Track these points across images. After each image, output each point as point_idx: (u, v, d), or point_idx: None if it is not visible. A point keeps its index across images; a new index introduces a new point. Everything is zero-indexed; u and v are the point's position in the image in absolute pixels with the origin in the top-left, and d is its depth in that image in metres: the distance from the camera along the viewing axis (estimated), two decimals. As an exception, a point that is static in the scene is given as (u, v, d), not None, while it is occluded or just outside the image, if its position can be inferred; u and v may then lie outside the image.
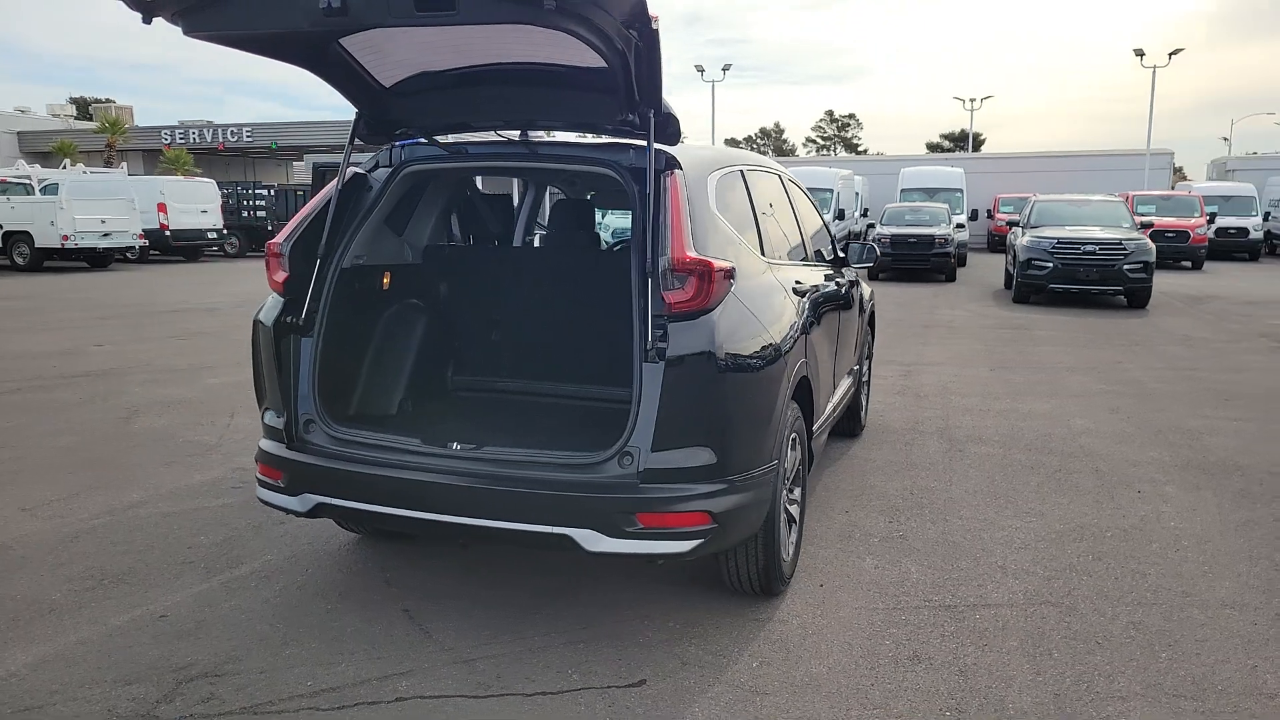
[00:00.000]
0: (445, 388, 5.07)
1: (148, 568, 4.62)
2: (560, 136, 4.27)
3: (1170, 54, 40.01)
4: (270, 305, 4.09)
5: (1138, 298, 17.04)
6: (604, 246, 5.83)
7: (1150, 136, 39.58)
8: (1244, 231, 32.16)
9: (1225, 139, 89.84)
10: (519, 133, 4.17)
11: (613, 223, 14.64)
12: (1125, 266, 16.70)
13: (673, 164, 3.82)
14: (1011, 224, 23.55)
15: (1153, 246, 17.10)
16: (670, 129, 3.78)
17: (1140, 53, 40.21)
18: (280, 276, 4.05)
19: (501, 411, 4.72)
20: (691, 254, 3.52)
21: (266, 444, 4.05)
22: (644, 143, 3.80)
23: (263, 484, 4.04)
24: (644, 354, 3.52)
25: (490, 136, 4.21)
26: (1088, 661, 3.73)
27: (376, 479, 3.74)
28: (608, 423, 4.39)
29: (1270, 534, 5.19)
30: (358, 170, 4.28)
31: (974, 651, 3.82)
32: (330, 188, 4.20)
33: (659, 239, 3.55)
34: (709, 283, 3.50)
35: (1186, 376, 10.07)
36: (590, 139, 4.13)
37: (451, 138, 4.26)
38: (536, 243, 6.16)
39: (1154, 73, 39.84)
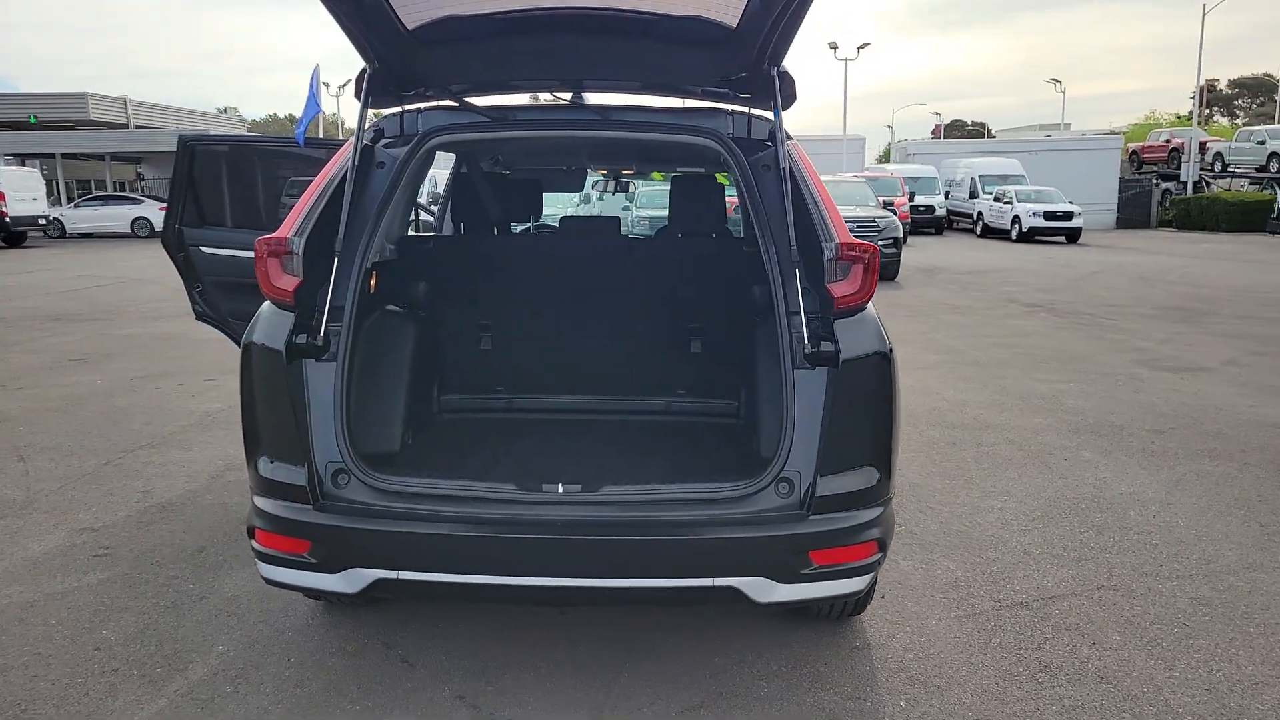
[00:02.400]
0: (434, 410, 4.15)
1: (55, 690, 3.35)
2: (601, 99, 3.54)
3: (859, 48, 43.84)
4: (270, 322, 3.04)
5: (889, 270, 18.39)
6: (636, 231, 5.01)
7: (846, 123, 43.29)
8: (931, 209, 36.01)
9: (889, 126, 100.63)
10: (570, 95, 3.39)
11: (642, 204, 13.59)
12: (880, 242, 17.94)
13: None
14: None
15: (899, 223, 18.51)
16: (787, 91, 3.21)
17: (834, 46, 43.71)
18: (288, 282, 3.02)
19: (560, 437, 3.90)
20: (851, 238, 3.00)
21: (272, 506, 3.03)
22: (741, 108, 3.22)
23: (273, 560, 3.02)
24: (797, 359, 2.96)
25: (540, 100, 3.40)
26: (1199, 646, 3.69)
27: (461, 541, 2.89)
28: (697, 442, 3.76)
29: (1208, 489, 5.55)
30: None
31: (1091, 652, 3.66)
32: (338, 164, 3.20)
33: (818, 223, 2.99)
34: (872, 272, 3.00)
35: (991, 343, 10.87)
36: (661, 103, 3.45)
37: (482, 100, 3.40)
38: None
39: (846, 65, 43.52)
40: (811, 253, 3.02)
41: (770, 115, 3.28)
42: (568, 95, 3.39)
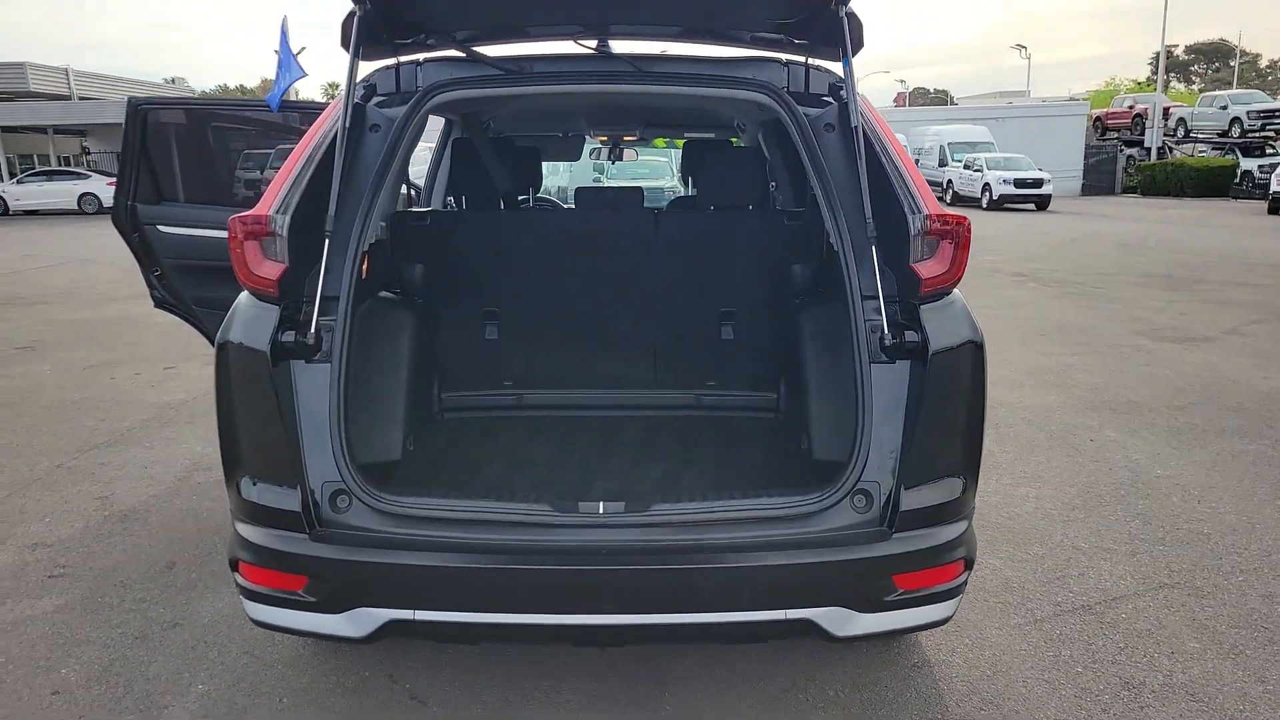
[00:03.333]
0: (436, 409, 3.69)
1: (9, 746, 2.88)
2: (630, 47, 3.07)
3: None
4: (251, 317, 2.56)
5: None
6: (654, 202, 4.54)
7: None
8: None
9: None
10: (595, 43, 2.93)
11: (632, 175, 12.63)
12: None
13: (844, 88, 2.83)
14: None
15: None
16: (856, 35, 2.76)
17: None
18: (271, 269, 2.54)
19: (579, 440, 3.46)
20: (941, 209, 2.59)
21: (259, 534, 2.57)
22: (798, 57, 2.78)
23: (262, 598, 2.57)
24: (874, 351, 2.56)
25: (557, 49, 2.93)
26: (1287, 654, 3.37)
27: (491, 575, 2.45)
28: (736, 443, 3.35)
29: (1246, 471, 5.26)
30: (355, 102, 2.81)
31: (1172, 664, 3.32)
32: (324, 128, 2.72)
33: (901, 191, 2.57)
34: (963, 248, 2.59)
35: (985, 314, 10.56)
36: (698, 52, 2.99)
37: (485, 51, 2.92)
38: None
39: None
40: (889, 226, 2.61)
41: (832, 65, 2.84)
42: (592, 43, 2.92)
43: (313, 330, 2.53)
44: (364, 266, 3.13)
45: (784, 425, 3.60)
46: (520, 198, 4.41)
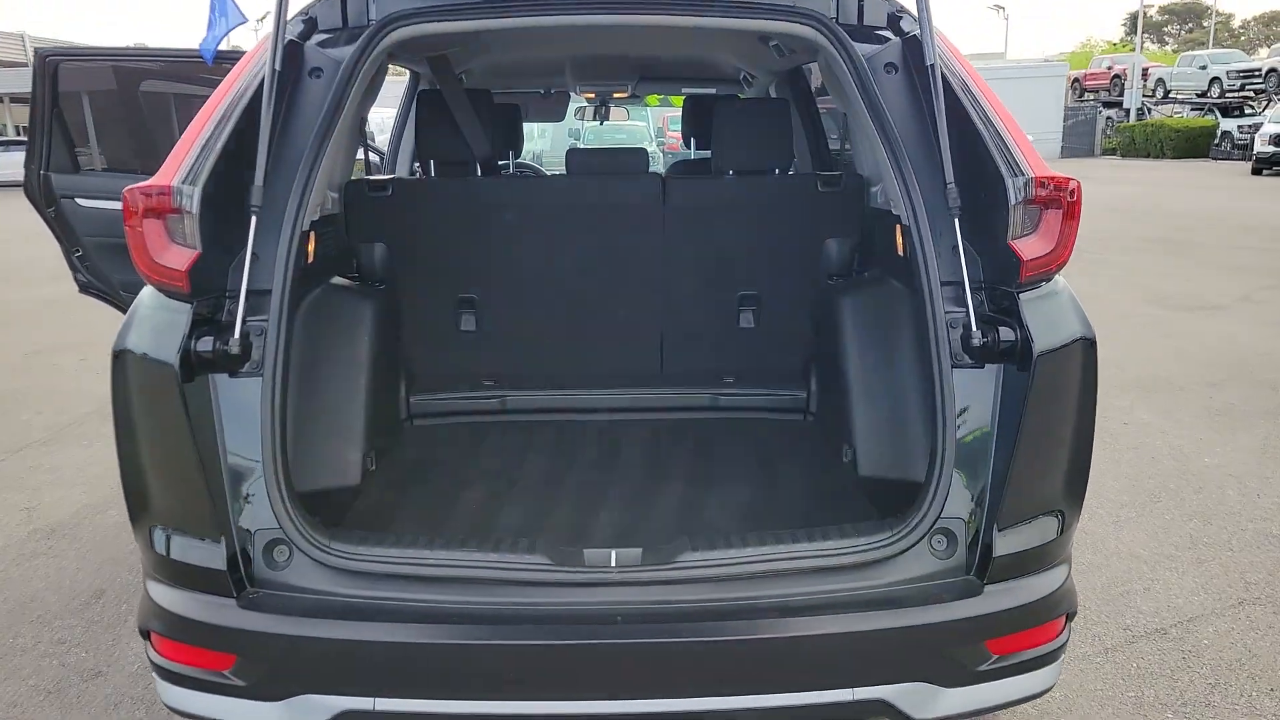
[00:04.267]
0: (404, 416, 3.12)
1: None
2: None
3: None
4: (153, 319, 1.97)
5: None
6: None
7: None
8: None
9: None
10: None
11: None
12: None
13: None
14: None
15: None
16: None
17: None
18: (178, 257, 1.94)
19: (577, 455, 2.89)
20: (1049, 170, 2.03)
21: (175, 599, 2.01)
22: None
23: (179, 679, 2.01)
24: (956, 352, 2.02)
25: None
26: (1407, 690, 2.90)
27: (476, 653, 1.91)
28: (765, 453, 2.81)
29: (1302, 460, 4.81)
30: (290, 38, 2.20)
31: (1277, 705, 2.84)
32: (247, 73, 2.11)
33: (995, 147, 2.01)
34: (1073, 219, 2.03)
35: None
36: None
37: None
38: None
39: None
40: (974, 193, 2.06)
41: None
42: None
43: (237, 335, 1.94)
44: (309, 248, 2.54)
45: (817, 430, 3.06)
46: (500, 163, 3.80)
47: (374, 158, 4.65)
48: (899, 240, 2.67)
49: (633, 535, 2.30)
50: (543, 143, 14.66)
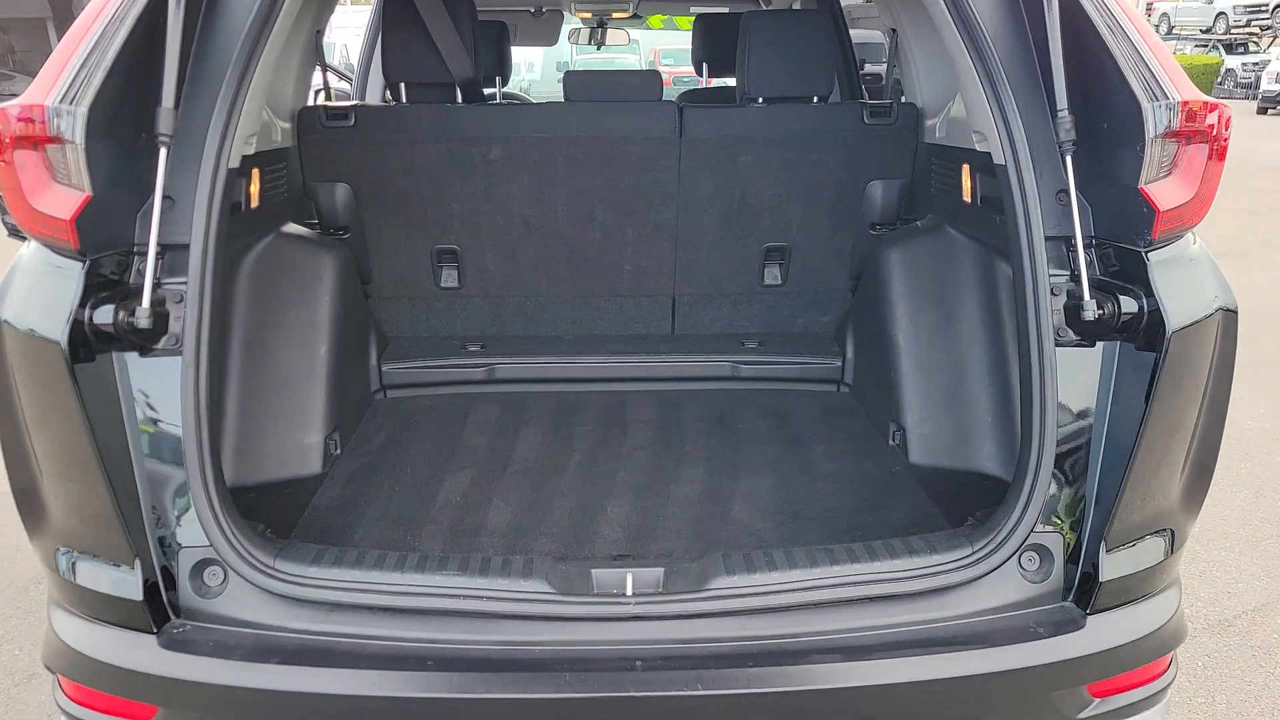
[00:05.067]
0: (374, 388, 2.71)
1: None
2: None
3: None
4: (35, 286, 1.55)
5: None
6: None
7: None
8: (880, 78, 34.55)
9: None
10: None
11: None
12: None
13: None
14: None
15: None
16: None
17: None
18: (61, 201, 1.49)
19: (577, 436, 2.47)
20: (1198, 93, 1.60)
21: (83, 634, 1.63)
22: None
23: None
24: (1060, 328, 1.64)
25: None
26: None
27: (461, 708, 1.53)
28: (798, 435, 2.43)
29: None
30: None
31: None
32: None
33: (1127, 65, 1.57)
34: (1217, 159, 1.61)
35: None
36: None
37: None
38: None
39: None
40: (1092, 123, 1.63)
41: None
42: None
43: (146, 302, 1.51)
44: (253, 188, 2.10)
45: (855, 405, 2.66)
46: (486, 91, 3.30)
47: (342, 84, 4.14)
48: (965, 182, 2.25)
49: (647, 541, 1.91)
50: (530, 76, 13.94)
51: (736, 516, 2.02)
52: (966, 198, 2.24)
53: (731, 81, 4.14)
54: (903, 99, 2.86)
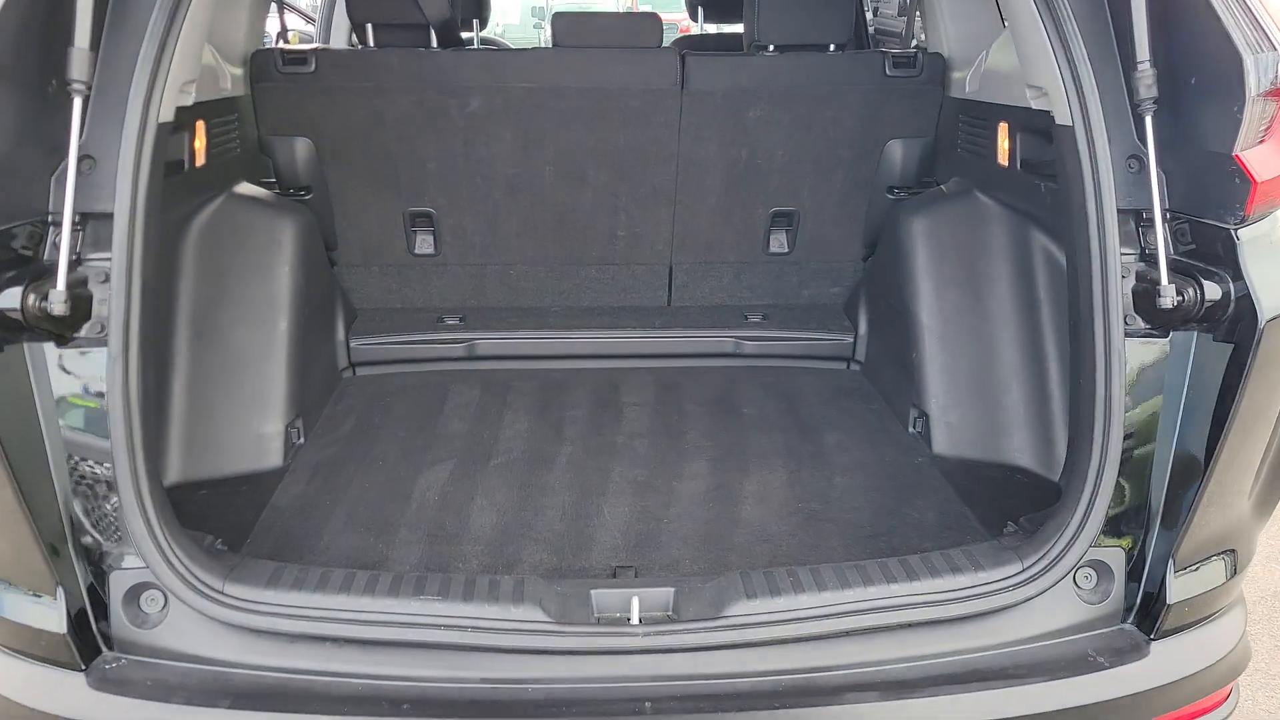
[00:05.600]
0: (343, 365, 2.46)
1: None
2: None
3: None
4: None
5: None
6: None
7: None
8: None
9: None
10: None
11: None
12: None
13: None
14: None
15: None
16: None
17: None
18: None
19: (569, 422, 2.23)
20: None
21: (3, 669, 1.39)
22: None
23: None
24: (1129, 316, 1.43)
25: None
26: None
27: None
28: (810, 421, 2.22)
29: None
30: None
31: None
32: None
33: (1232, 10, 1.33)
34: None
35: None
36: None
37: None
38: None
39: None
40: (1174, 78, 1.41)
41: None
42: None
43: (62, 284, 1.26)
44: (197, 144, 1.84)
45: (867, 384, 2.44)
46: (464, 35, 3.00)
47: (308, 27, 3.82)
48: (1002, 143, 2.02)
49: (651, 549, 1.70)
50: (506, 21, 13.44)
51: (747, 518, 1.81)
52: (1002, 160, 2.02)
53: (730, 29, 3.84)
54: (925, 48, 2.61)
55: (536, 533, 1.75)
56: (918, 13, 2.66)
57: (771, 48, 2.40)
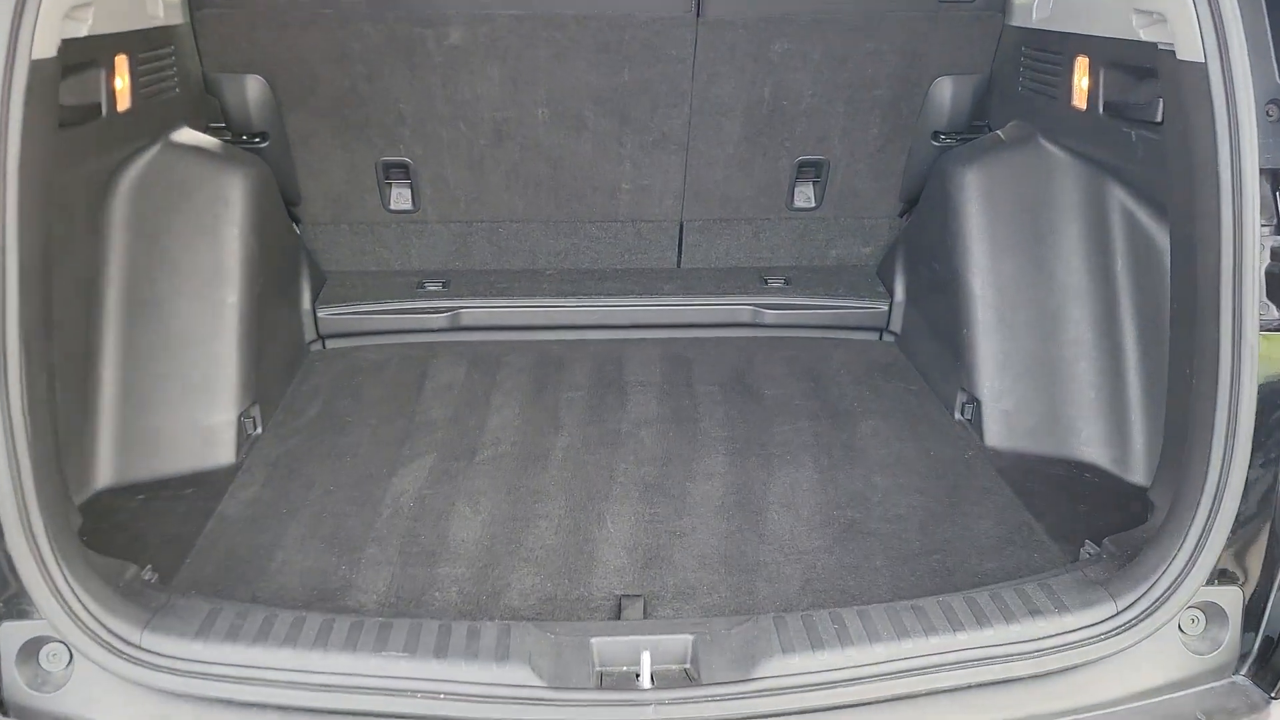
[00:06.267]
0: (309, 339, 2.18)
1: None
2: None
3: None
4: None
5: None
6: None
7: None
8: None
9: None
10: None
11: None
12: None
13: None
14: None
15: None
16: None
17: None
18: None
19: (566, 408, 1.95)
20: None
21: None
22: None
23: None
24: (1262, 302, 1.17)
25: None
26: None
27: None
28: (838, 399, 1.95)
29: None
30: None
31: None
32: None
33: None
34: None
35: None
36: None
37: None
38: None
39: None
40: None
41: None
42: None
43: None
44: (115, 85, 1.54)
45: (904, 360, 2.16)
46: None
47: None
48: (1079, 81, 1.71)
49: (661, 571, 1.44)
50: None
51: (774, 529, 1.55)
52: (1078, 102, 1.71)
53: None
54: None
55: (527, 549, 1.50)
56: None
57: None
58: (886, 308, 2.24)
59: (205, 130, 1.94)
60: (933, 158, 2.12)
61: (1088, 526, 1.49)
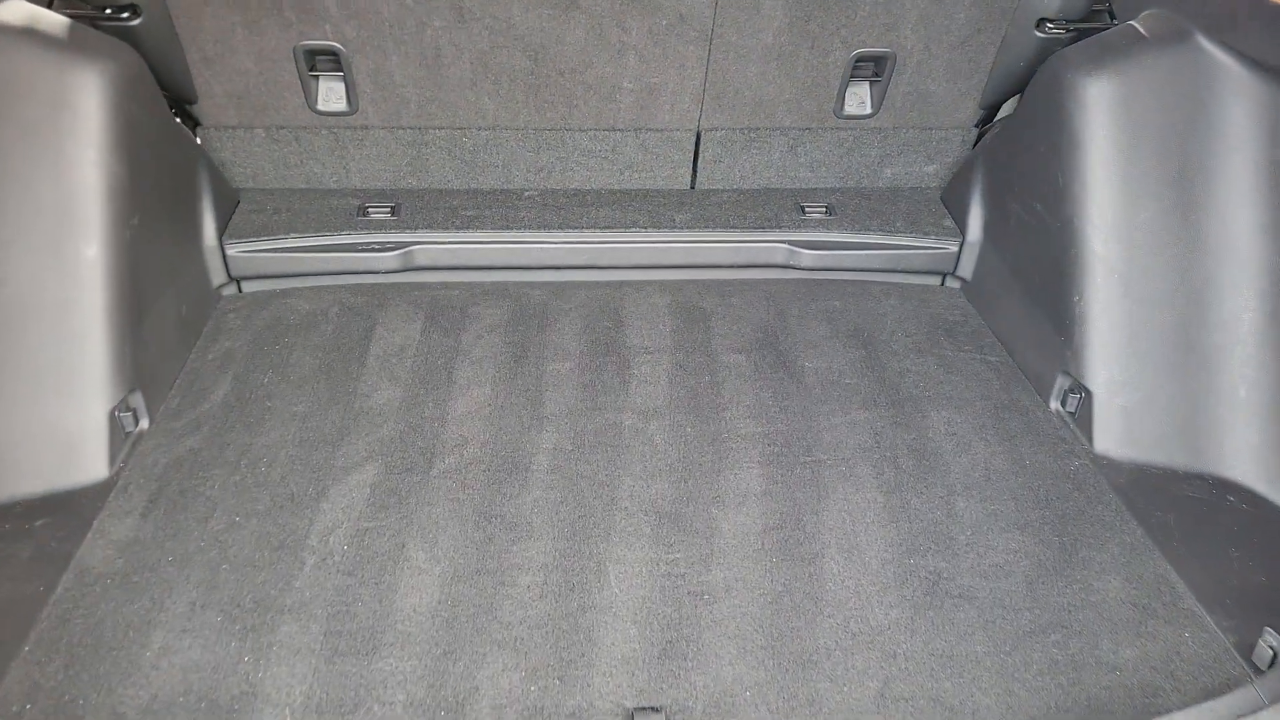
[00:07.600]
0: (215, 286, 1.71)
1: None
2: None
3: None
4: None
5: None
6: None
7: None
8: None
9: None
10: None
11: None
12: None
13: None
14: None
15: None
16: None
17: None
18: None
19: (534, 385, 1.49)
20: None
21: None
22: None
23: None
24: None
25: None
26: None
27: None
28: (890, 376, 1.53)
29: None
30: None
31: None
32: None
33: None
34: None
35: None
36: None
37: None
38: None
39: None
40: None
41: None
42: None
43: None
44: None
45: (977, 317, 1.73)
46: None
47: None
48: None
49: (684, 667, 1.06)
50: None
51: (834, 592, 1.15)
52: None
53: None
54: None
55: (501, 623, 1.10)
56: None
57: None
58: (956, 247, 1.79)
59: (43, 2, 1.41)
60: (1034, 52, 1.64)
61: (1243, 583, 1.12)
